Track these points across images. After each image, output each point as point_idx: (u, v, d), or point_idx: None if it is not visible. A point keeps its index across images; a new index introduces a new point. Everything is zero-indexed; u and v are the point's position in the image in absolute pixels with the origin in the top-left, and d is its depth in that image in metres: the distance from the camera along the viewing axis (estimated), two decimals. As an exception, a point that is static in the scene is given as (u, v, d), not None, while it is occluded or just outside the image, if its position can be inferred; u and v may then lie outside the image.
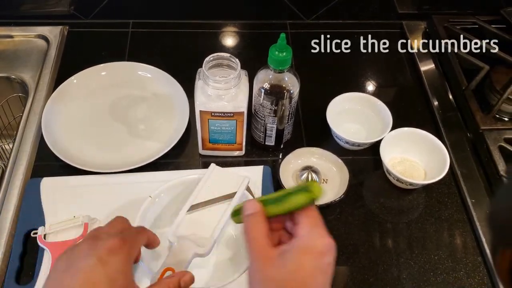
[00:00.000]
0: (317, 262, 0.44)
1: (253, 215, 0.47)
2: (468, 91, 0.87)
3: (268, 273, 0.44)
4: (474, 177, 0.80)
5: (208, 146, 0.79)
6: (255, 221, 0.46)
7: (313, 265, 0.44)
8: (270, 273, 0.43)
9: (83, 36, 1.01)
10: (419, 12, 1.09)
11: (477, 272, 0.71)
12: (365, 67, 0.98)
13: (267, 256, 0.45)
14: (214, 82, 0.69)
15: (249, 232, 0.46)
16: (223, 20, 1.06)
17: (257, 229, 0.46)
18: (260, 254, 0.45)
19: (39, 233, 0.68)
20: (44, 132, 0.80)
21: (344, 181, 0.77)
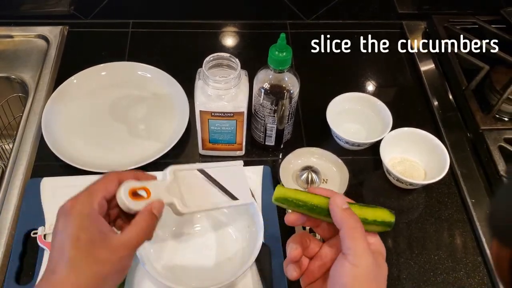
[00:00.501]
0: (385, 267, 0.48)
1: (350, 210, 0.48)
2: (468, 91, 0.87)
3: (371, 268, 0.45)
4: (474, 177, 0.80)
5: (208, 146, 0.79)
6: (355, 217, 0.47)
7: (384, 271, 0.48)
8: (372, 268, 0.45)
9: (83, 36, 1.01)
10: (419, 12, 1.09)
11: (477, 272, 0.71)
12: (365, 67, 0.98)
13: (370, 252, 0.46)
14: (214, 82, 0.69)
15: (354, 228, 0.46)
16: (223, 20, 1.06)
17: (359, 226, 0.47)
18: (367, 250, 0.46)
19: (39, 233, 0.68)
20: (44, 132, 0.80)
21: (344, 181, 0.77)
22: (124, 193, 0.49)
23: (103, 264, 0.45)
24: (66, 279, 0.44)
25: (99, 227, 0.46)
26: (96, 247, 0.45)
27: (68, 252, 0.44)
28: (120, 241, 0.47)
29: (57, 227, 0.46)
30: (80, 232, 0.45)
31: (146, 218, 0.49)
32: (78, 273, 0.44)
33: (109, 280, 0.46)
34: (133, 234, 0.48)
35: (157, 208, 0.50)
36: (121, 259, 0.47)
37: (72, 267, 0.44)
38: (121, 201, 0.49)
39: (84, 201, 0.47)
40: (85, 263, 0.44)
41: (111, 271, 0.46)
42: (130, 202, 0.49)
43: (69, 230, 0.45)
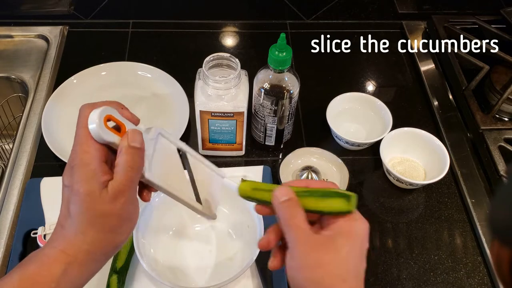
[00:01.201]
0: (362, 246, 0.46)
1: (290, 201, 0.46)
2: (468, 91, 0.87)
3: (322, 258, 0.44)
4: (474, 177, 0.80)
5: (208, 146, 0.79)
6: (296, 207, 0.46)
7: (360, 248, 0.45)
8: (324, 259, 0.44)
9: (83, 36, 1.01)
10: (419, 12, 1.09)
11: (477, 272, 0.71)
12: (365, 67, 0.98)
13: (317, 241, 0.44)
14: (214, 82, 0.69)
15: (292, 219, 0.45)
16: (223, 20, 1.06)
17: (299, 215, 0.45)
18: (307, 240, 0.44)
19: (39, 233, 0.68)
20: (44, 132, 0.80)
21: (344, 181, 0.77)
22: (99, 118, 0.43)
23: (106, 216, 0.44)
24: (74, 237, 0.43)
25: (98, 178, 0.43)
26: (95, 201, 0.43)
27: (71, 208, 0.44)
28: (114, 188, 0.44)
29: (63, 182, 0.45)
30: (79, 185, 0.43)
31: (128, 155, 0.44)
32: (84, 231, 0.43)
33: (120, 230, 0.45)
34: (122, 177, 0.44)
35: (135, 140, 0.45)
36: (124, 205, 0.44)
37: (77, 225, 0.43)
38: (92, 126, 0.43)
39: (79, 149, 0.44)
40: (88, 218, 0.43)
41: (118, 221, 0.45)
42: (103, 130, 0.43)
43: (70, 183, 0.44)
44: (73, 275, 0.43)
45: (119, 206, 0.44)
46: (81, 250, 0.44)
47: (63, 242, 0.44)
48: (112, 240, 0.45)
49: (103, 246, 0.45)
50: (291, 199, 0.46)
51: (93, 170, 0.43)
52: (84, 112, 0.45)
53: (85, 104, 0.46)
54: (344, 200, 0.46)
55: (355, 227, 0.46)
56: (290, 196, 0.46)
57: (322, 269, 0.43)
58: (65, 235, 0.44)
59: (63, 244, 0.44)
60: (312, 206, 0.46)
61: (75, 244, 0.43)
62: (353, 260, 0.44)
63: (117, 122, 0.45)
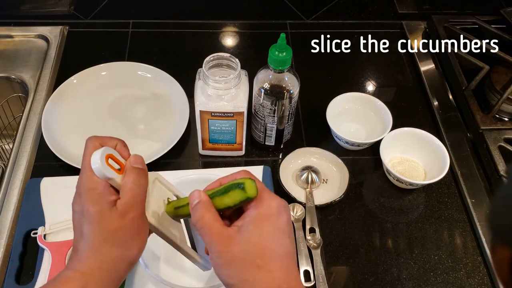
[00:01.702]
0: (276, 225, 0.46)
1: (200, 203, 0.47)
2: (468, 91, 0.87)
3: (233, 252, 0.45)
4: (474, 177, 0.80)
5: (208, 146, 0.79)
6: (204, 207, 0.47)
7: (273, 228, 0.46)
8: (235, 251, 0.45)
9: (83, 36, 1.01)
10: (419, 12, 1.09)
11: (477, 272, 0.71)
12: (365, 67, 0.98)
13: (226, 236, 0.45)
14: (214, 82, 0.69)
15: (201, 219, 0.47)
16: (223, 20, 1.06)
17: (208, 214, 0.47)
18: (219, 237, 0.45)
19: (39, 233, 0.68)
20: (44, 132, 0.80)
21: (344, 181, 0.77)
22: (101, 158, 0.47)
23: (117, 232, 0.46)
24: (87, 256, 0.46)
25: (106, 198, 0.46)
26: (105, 218, 0.46)
27: (83, 228, 0.46)
28: (122, 205, 0.47)
29: (73, 208, 0.48)
30: (89, 206, 0.46)
31: (133, 174, 0.48)
32: (97, 249, 0.46)
33: (131, 245, 0.47)
34: (129, 194, 0.47)
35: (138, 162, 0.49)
36: (133, 220, 0.47)
37: (91, 243, 0.46)
38: (95, 165, 0.47)
39: (85, 175, 0.47)
40: (100, 235, 0.46)
41: (128, 235, 0.47)
42: (106, 168, 0.47)
43: (80, 207, 0.46)
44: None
45: (129, 221, 0.46)
46: (96, 268, 0.45)
47: (78, 263, 0.46)
48: (124, 255, 0.47)
49: (116, 261, 0.47)
50: (201, 200, 0.47)
51: (101, 192, 0.46)
52: (90, 143, 0.49)
53: (92, 136, 0.50)
54: (240, 191, 0.46)
55: (262, 209, 0.46)
56: (200, 198, 0.47)
57: (236, 263, 0.45)
58: (80, 257, 0.46)
59: (79, 265, 0.46)
60: (220, 204, 0.48)
61: (89, 263, 0.46)
62: (268, 243, 0.45)
63: (117, 162, 0.49)
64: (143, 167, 0.49)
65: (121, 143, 0.51)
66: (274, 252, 0.45)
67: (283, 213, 0.47)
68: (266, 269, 0.44)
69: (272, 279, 0.44)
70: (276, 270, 0.45)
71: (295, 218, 0.73)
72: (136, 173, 0.48)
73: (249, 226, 0.45)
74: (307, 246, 0.70)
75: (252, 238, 0.45)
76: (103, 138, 0.50)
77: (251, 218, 0.46)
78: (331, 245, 0.72)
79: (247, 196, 0.46)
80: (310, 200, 0.75)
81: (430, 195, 0.79)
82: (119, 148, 0.50)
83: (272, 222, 0.46)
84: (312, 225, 0.72)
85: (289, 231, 0.47)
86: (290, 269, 0.46)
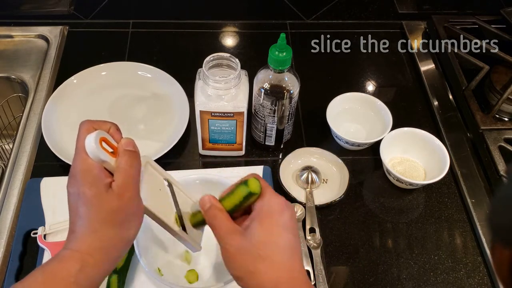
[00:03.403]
0: (278, 221, 0.48)
1: (212, 207, 0.50)
2: (468, 91, 0.87)
3: (239, 245, 0.48)
4: (474, 177, 0.80)
5: (208, 146, 0.79)
6: (215, 210, 0.50)
7: (275, 224, 0.48)
8: (241, 245, 0.48)
9: (83, 36, 1.01)
10: (419, 12, 1.09)
11: (477, 272, 0.71)
12: (365, 67, 0.98)
13: (234, 231, 0.49)
14: (214, 82, 0.69)
15: (213, 220, 0.50)
16: (223, 20, 1.06)
17: (219, 216, 0.50)
18: (228, 232, 0.49)
19: (39, 233, 0.68)
20: (44, 132, 0.80)
21: (344, 181, 0.77)
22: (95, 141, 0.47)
23: (115, 212, 0.47)
24: (86, 236, 0.46)
25: (102, 180, 0.47)
26: (103, 199, 0.46)
27: (80, 210, 0.47)
28: (118, 186, 0.47)
29: (68, 190, 0.48)
30: (85, 189, 0.46)
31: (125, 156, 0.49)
32: (95, 229, 0.46)
33: (128, 225, 0.48)
34: (123, 175, 0.48)
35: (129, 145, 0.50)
36: (129, 200, 0.48)
37: (88, 224, 0.46)
38: (90, 148, 0.47)
39: (80, 158, 0.48)
40: (98, 216, 0.46)
41: (126, 215, 0.48)
42: (100, 151, 0.47)
43: (76, 189, 0.47)
44: (90, 272, 0.46)
45: (125, 201, 0.47)
46: (95, 248, 0.46)
47: (76, 243, 0.46)
48: (122, 235, 0.48)
49: (114, 242, 0.48)
50: (212, 205, 0.50)
51: (96, 174, 0.47)
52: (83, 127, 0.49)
53: (85, 120, 0.50)
54: (243, 186, 0.50)
55: (265, 207, 0.49)
56: (211, 202, 0.51)
57: (241, 255, 0.47)
58: (77, 237, 0.47)
59: (76, 245, 0.46)
60: (229, 205, 0.51)
61: (87, 243, 0.46)
62: (271, 237, 0.47)
63: (111, 145, 0.49)
64: (135, 149, 0.50)
65: (114, 127, 0.52)
66: (277, 245, 0.47)
67: (285, 210, 0.49)
68: (270, 260, 0.47)
69: (275, 269, 0.47)
70: (279, 262, 0.47)
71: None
72: (129, 155, 0.49)
73: (254, 222, 0.48)
74: (307, 246, 0.70)
75: (256, 233, 0.48)
76: (97, 122, 0.51)
77: (256, 215, 0.49)
78: (331, 245, 0.72)
79: (249, 190, 0.49)
80: (310, 200, 0.75)
81: (430, 195, 0.79)
82: (112, 132, 0.51)
83: (275, 219, 0.48)
84: (312, 225, 0.72)
85: (292, 227, 0.49)
86: (293, 262, 0.48)
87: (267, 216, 0.49)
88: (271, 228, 0.48)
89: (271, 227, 0.48)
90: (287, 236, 0.48)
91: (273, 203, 0.49)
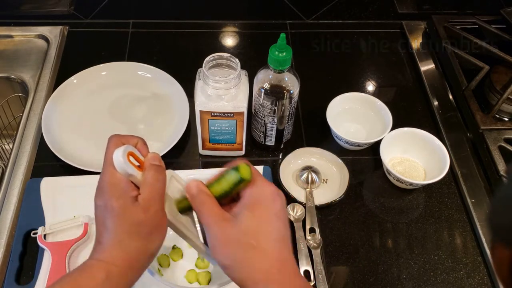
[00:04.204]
0: (270, 210, 0.48)
1: (199, 192, 0.50)
2: (468, 91, 0.87)
3: (229, 233, 0.47)
4: (474, 177, 0.80)
5: (208, 146, 0.79)
6: (202, 194, 0.49)
7: (267, 213, 0.48)
8: (231, 233, 0.47)
9: (83, 36, 1.01)
10: (419, 12, 1.09)
11: (477, 272, 0.71)
12: (365, 67, 0.98)
13: (223, 218, 0.48)
14: (214, 82, 0.69)
15: (201, 205, 0.49)
16: (223, 20, 1.06)
17: (207, 201, 0.49)
18: (216, 219, 0.48)
19: (39, 233, 0.68)
20: (44, 132, 0.80)
21: (344, 181, 0.77)
22: (123, 155, 0.48)
23: (140, 225, 0.47)
24: (111, 247, 0.47)
25: (128, 193, 0.48)
26: (129, 212, 0.47)
27: (107, 222, 0.47)
28: (144, 200, 0.48)
29: (95, 202, 0.49)
30: (113, 201, 0.47)
31: (152, 170, 0.50)
32: (120, 240, 0.47)
33: (153, 238, 0.49)
34: (150, 189, 0.49)
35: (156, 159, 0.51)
36: (155, 214, 0.48)
37: (114, 236, 0.47)
38: (118, 162, 0.48)
39: (108, 171, 0.49)
40: (124, 228, 0.47)
41: (150, 228, 0.48)
42: (128, 165, 0.48)
43: (103, 202, 0.48)
44: (114, 282, 0.46)
45: (151, 215, 0.48)
46: (120, 258, 0.47)
47: (102, 254, 0.47)
48: (146, 248, 0.49)
49: (138, 253, 0.48)
50: (200, 190, 0.50)
51: (123, 187, 0.48)
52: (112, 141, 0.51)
53: (114, 135, 0.52)
54: (234, 172, 0.49)
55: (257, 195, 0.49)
56: (199, 187, 0.50)
57: (231, 244, 0.47)
58: (104, 248, 0.47)
59: (102, 255, 0.47)
60: (218, 189, 0.50)
61: (113, 253, 0.47)
62: (262, 225, 0.47)
63: (137, 159, 0.50)
64: (161, 164, 0.51)
65: (142, 142, 0.53)
66: (268, 234, 0.47)
67: (277, 199, 0.49)
68: (260, 249, 0.46)
69: (266, 259, 0.46)
70: (270, 250, 0.47)
71: (295, 218, 0.73)
72: (155, 169, 0.50)
73: (245, 210, 0.48)
74: (307, 246, 0.70)
75: (247, 221, 0.47)
76: (125, 137, 0.52)
77: (246, 203, 0.48)
78: (331, 245, 0.72)
79: (240, 176, 0.48)
80: (310, 200, 0.75)
81: (430, 195, 0.79)
82: (139, 146, 0.52)
83: (266, 207, 0.48)
84: (312, 225, 0.72)
85: (283, 217, 0.49)
86: (283, 251, 0.47)
87: (258, 204, 0.48)
88: (263, 216, 0.47)
89: (263, 216, 0.47)
90: (278, 225, 0.48)
91: (265, 191, 0.49)
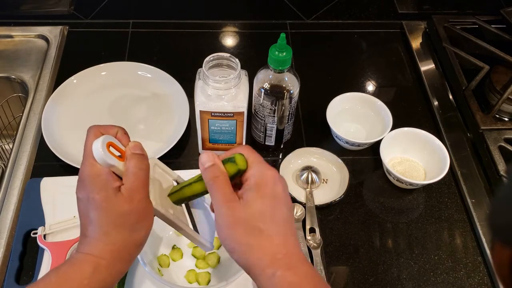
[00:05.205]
0: (273, 192, 0.48)
1: (213, 166, 0.48)
2: (468, 91, 0.87)
3: (238, 215, 0.46)
4: (474, 177, 0.80)
5: (208, 146, 0.79)
6: (216, 170, 0.48)
7: (271, 195, 0.47)
8: (239, 215, 0.46)
9: (83, 36, 1.01)
10: (419, 12, 1.09)
11: (477, 272, 0.71)
12: (365, 67, 0.98)
13: (233, 199, 0.47)
14: (214, 82, 0.69)
15: (214, 183, 0.48)
16: (223, 20, 1.06)
17: (222, 178, 0.48)
18: (227, 199, 0.47)
19: (39, 233, 0.68)
20: (44, 132, 0.80)
21: (344, 181, 0.77)
22: (102, 146, 0.48)
23: (125, 216, 0.47)
24: (97, 240, 0.47)
25: (110, 184, 0.47)
26: (113, 204, 0.47)
27: (90, 215, 0.47)
28: (128, 190, 0.48)
29: (77, 195, 0.48)
30: (94, 194, 0.47)
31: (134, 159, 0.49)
32: (106, 233, 0.47)
33: (139, 227, 0.48)
34: (132, 178, 0.48)
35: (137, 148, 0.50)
36: (139, 203, 0.48)
37: (99, 229, 0.47)
38: (97, 153, 0.48)
39: (87, 163, 0.48)
40: (109, 220, 0.47)
41: (136, 218, 0.48)
42: (108, 156, 0.48)
43: (85, 195, 0.47)
44: (102, 274, 0.46)
45: (136, 204, 0.47)
46: (106, 250, 0.47)
47: (88, 247, 0.47)
48: (133, 238, 0.48)
49: (125, 244, 0.48)
50: (215, 164, 0.48)
51: (105, 179, 0.47)
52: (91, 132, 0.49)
53: (93, 125, 0.51)
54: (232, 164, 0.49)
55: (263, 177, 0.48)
56: (213, 161, 0.48)
57: (239, 226, 0.46)
58: (89, 241, 0.47)
59: (88, 248, 0.47)
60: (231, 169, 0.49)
61: (99, 246, 0.47)
62: (268, 208, 0.47)
63: (118, 149, 0.50)
64: (143, 152, 0.50)
65: (122, 131, 0.52)
66: (274, 217, 0.47)
67: (278, 182, 0.48)
68: (267, 234, 0.46)
69: (272, 244, 0.46)
70: (276, 235, 0.46)
71: (295, 218, 0.73)
72: (137, 158, 0.49)
73: (249, 193, 0.47)
74: (307, 246, 0.70)
75: (254, 204, 0.47)
76: (104, 126, 0.51)
77: (250, 186, 0.48)
78: (331, 245, 0.72)
79: (239, 168, 0.48)
80: (310, 200, 0.75)
81: (430, 195, 0.79)
82: (119, 136, 0.51)
83: (270, 189, 0.48)
84: (312, 225, 0.72)
85: (286, 199, 0.48)
86: (288, 236, 0.47)
87: (262, 187, 0.48)
88: (267, 199, 0.47)
89: (267, 198, 0.47)
90: (282, 208, 0.47)
91: (267, 174, 0.48)
